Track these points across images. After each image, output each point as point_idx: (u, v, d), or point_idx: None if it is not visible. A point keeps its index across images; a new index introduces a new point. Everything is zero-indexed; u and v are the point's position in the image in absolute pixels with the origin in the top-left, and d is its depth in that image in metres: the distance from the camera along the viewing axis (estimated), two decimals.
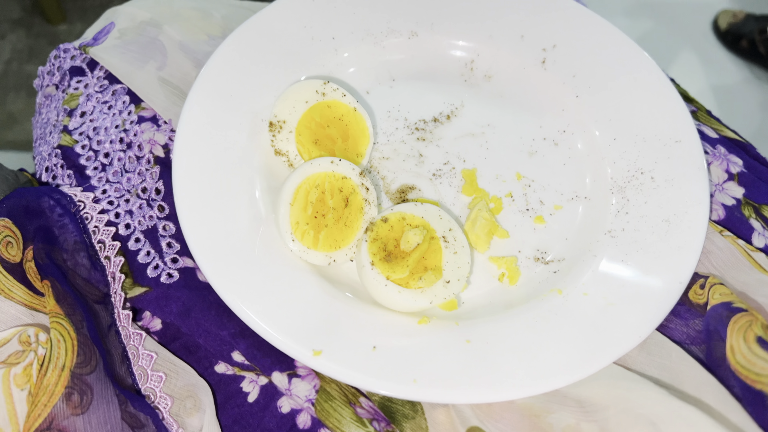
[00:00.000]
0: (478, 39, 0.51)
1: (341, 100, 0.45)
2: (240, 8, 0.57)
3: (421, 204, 0.43)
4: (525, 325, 0.39)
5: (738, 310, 0.36)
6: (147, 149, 0.47)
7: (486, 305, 0.42)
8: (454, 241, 0.42)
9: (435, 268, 0.41)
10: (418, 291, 0.40)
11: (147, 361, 0.38)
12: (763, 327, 0.34)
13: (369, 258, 0.40)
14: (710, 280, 0.40)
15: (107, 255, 0.42)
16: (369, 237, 0.41)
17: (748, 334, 0.33)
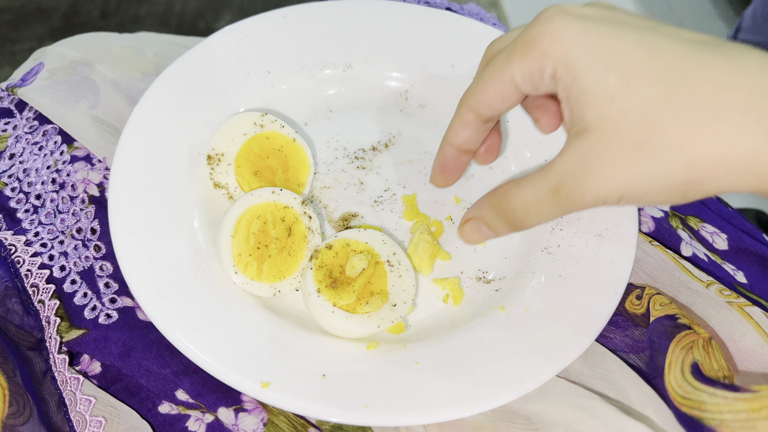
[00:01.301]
0: (410, 70, 0.52)
1: (280, 131, 0.46)
2: (174, 45, 0.57)
3: (364, 230, 0.43)
4: (471, 344, 0.40)
5: (683, 327, 0.37)
6: (81, 189, 0.46)
7: (432, 326, 0.42)
8: (399, 264, 0.42)
9: (381, 292, 0.41)
10: (365, 316, 0.40)
11: (85, 407, 0.36)
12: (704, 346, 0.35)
13: (315, 285, 0.40)
14: (647, 291, 0.41)
15: (41, 299, 0.41)
16: (314, 264, 0.41)
17: (686, 360, 0.34)
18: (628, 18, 0.29)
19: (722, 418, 0.29)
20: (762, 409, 0.28)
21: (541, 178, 0.31)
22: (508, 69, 0.31)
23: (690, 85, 0.26)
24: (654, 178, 0.27)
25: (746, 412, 0.28)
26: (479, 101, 0.33)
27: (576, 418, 0.36)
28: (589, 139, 0.28)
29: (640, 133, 0.27)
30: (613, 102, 0.27)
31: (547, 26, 0.29)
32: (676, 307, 0.39)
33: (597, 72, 0.27)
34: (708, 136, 0.25)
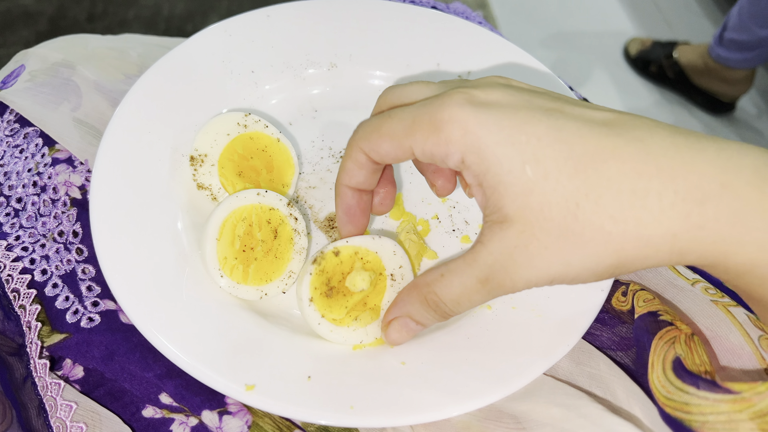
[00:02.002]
0: (396, 68, 0.52)
1: (264, 131, 0.45)
2: (157, 47, 0.56)
3: (378, 238, 0.42)
4: (458, 343, 0.39)
5: (665, 324, 0.37)
6: (63, 191, 0.45)
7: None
8: (401, 279, 0.41)
9: (373, 308, 0.40)
10: (350, 329, 0.40)
11: (66, 412, 0.35)
12: (686, 341, 0.35)
13: (309, 294, 0.40)
14: (632, 287, 0.41)
15: (22, 304, 0.40)
16: (314, 270, 0.40)
17: (669, 355, 0.34)
18: (534, 99, 0.29)
19: (705, 420, 0.29)
20: (744, 410, 0.28)
21: (468, 268, 0.31)
22: (408, 140, 0.31)
23: (606, 174, 0.26)
24: (583, 265, 0.28)
25: (728, 413, 0.28)
26: (372, 149, 0.33)
27: (563, 417, 0.36)
28: (512, 230, 0.28)
29: (564, 224, 0.27)
30: (532, 194, 0.27)
31: (456, 113, 0.29)
32: (659, 303, 0.39)
33: (512, 164, 0.28)
34: (630, 223, 0.26)
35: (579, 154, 0.27)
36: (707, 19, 2.00)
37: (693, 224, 0.26)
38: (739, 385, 0.29)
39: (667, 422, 0.32)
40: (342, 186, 0.37)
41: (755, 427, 0.28)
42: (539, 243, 0.28)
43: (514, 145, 0.28)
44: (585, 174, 0.27)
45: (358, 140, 0.34)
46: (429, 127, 0.29)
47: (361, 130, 0.34)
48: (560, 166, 0.27)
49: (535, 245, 0.28)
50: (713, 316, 0.39)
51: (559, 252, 0.28)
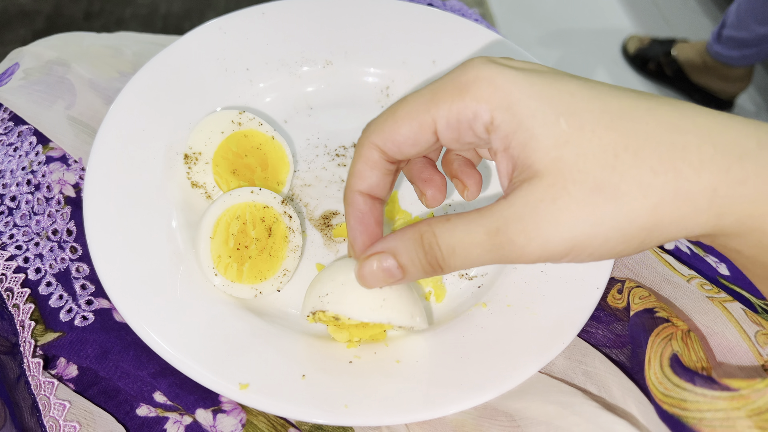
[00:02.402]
0: (391, 65, 0.52)
1: (258, 129, 0.45)
2: (152, 44, 0.56)
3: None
4: (453, 341, 0.39)
5: (661, 321, 0.36)
6: (56, 190, 0.45)
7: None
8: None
9: (377, 335, 0.39)
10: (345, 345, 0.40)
11: (59, 412, 0.35)
12: (683, 337, 0.35)
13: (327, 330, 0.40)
14: (627, 284, 0.41)
15: (15, 303, 0.40)
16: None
17: (666, 351, 0.34)
18: (557, 70, 0.29)
19: (702, 417, 0.29)
20: (742, 407, 0.28)
21: (479, 217, 0.28)
22: (431, 111, 0.28)
23: (644, 128, 0.26)
24: (615, 223, 0.26)
25: (726, 410, 0.28)
26: (387, 140, 0.30)
27: (558, 415, 0.36)
28: (541, 183, 0.26)
29: (601, 177, 0.26)
30: (567, 146, 0.26)
31: (483, 71, 0.27)
32: (655, 300, 0.38)
33: (546, 117, 0.26)
34: (671, 175, 0.25)
35: (615, 109, 0.26)
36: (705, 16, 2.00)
37: (733, 179, 0.25)
38: (737, 382, 0.28)
39: (664, 419, 0.31)
40: (353, 192, 0.33)
41: (752, 424, 0.27)
42: (570, 197, 0.26)
43: (546, 99, 0.27)
44: (623, 127, 0.26)
45: (369, 135, 0.31)
46: (453, 91, 0.28)
47: (372, 124, 0.31)
48: (597, 118, 0.26)
49: (565, 199, 0.26)
50: (709, 313, 0.38)
51: (591, 207, 0.26)
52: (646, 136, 0.26)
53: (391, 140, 0.30)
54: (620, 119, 0.26)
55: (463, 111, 0.28)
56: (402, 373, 0.37)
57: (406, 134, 0.30)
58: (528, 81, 0.27)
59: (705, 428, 0.29)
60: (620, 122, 0.26)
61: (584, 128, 0.26)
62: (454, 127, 0.28)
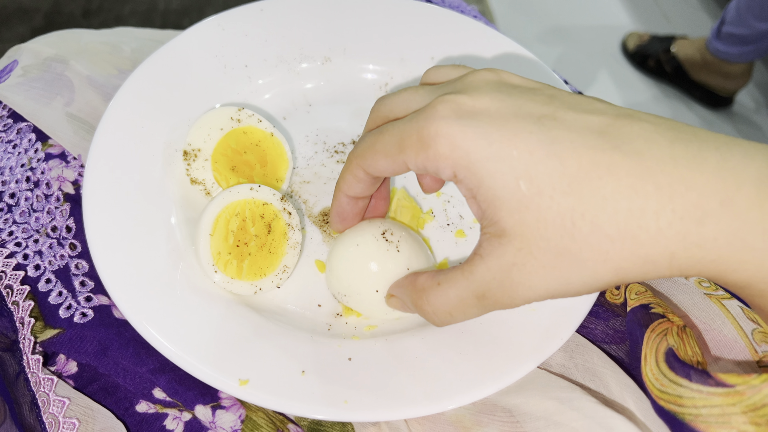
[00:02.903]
0: (390, 62, 0.52)
1: (257, 125, 0.45)
2: (151, 41, 0.56)
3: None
4: (452, 337, 0.39)
5: (657, 316, 0.37)
6: (56, 187, 0.45)
7: (413, 319, 0.42)
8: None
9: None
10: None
11: (58, 408, 0.35)
12: (678, 332, 0.35)
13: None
14: None
15: (15, 300, 0.40)
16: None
17: (661, 346, 0.34)
18: (525, 104, 0.28)
19: (698, 413, 0.29)
20: (737, 404, 0.28)
21: (464, 282, 0.30)
22: (400, 157, 0.30)
23: (602, 193, 0.26)
24: (581, 282, 0.27)
25: (721, 406, 0.28)
26: (369, 166, 0.33)
27: (556, 410, 0.36)
28: (510, 246, 0.28)
29: (562, 243, 0.26)
30: (528, 210, 0.27)
31: (442, 128, 0.28)
32: (651, 295, 0.39)
33: (505, 180, 0.27)
34: (628, 242, 0.26)
35: (573, 171, 0.26)
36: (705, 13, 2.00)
37: (691, 243, 0.25)
38: (732, 377, 0.29)
39: (661, 415, 0.32)
40: (340, 193, 0.37)
41: (748, 420, 0.27)
42: (537, 262, 0.27)
43: (505, 160, 0.27)
44: (580, 192, 0.26)
45: (356, 157, 0.34)
46: (417, 143, 0.29)
47: (358, 147, 0.34)
48: (554, 182, 0.26)
49: (533, 264, 0.28)
50: (706, 309, 0.39)
51: (558, 271, 0.27)
52: (604, 201, 0.26)
53: (373, 167, 0.33)
54: (578, 183, 0.26)
55: (427, 162, 0.29)
56: (401, 369, 0.37)
57: (384, 166, 0.32)
58: (487, 140, 0.27)
59: (701, 424, 0.29)
60: (578, 186, 0.26)
61: (543, 193, 0.26)
62: (422, 170, 0.30)
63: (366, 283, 0.40)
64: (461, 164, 0.28)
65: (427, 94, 0.32)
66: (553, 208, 0.26)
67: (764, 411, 0.27)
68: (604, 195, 0.26)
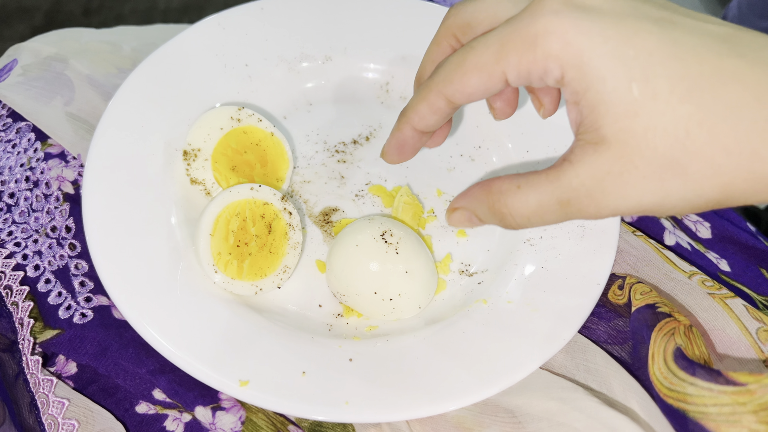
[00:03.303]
0: (391, 61, 0.52)
1: (257, 125, 0.45)
2: (151, 39, 0.56)
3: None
4: (454, 338, 0.39)
5: (663, 315, 0.36)
6: (55, 186, 0.45)
7: (414, 321, 0.41)
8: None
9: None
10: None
11: (58, 409, 0.35)
12: (685, 332, 0.35)
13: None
14: (628, 280, 0.41)
15: (14, 300, 0.40)
16: None
17: (669, 345, 0.34)
18: (642, 6, 0.26)
19: (707, 411, 0.29)
20: (747, 403, 0.28)
21: (548, 186, 0.28)
22: (500, 64, 0.27)
23: (725, 100, 0.24)
24: (683, 198, 0.25)
25: (731, 405, 0.28)
26: (457, 90, 0.29)
27: (559, 411, 0.36)
28: (608, 153, 0.26)
29: (671, 153, 0.24)
30: (637, 117, 0.25)
31: (554, 22, 0.25)
32: (656, 295, 0.38)
33: (618, 82, 0.25)
34: (745, 156, 0.24)
35: (695, 74, 0.24)
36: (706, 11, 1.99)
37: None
38: (744, 376, 0.28)
39: (667, 414, 0.31)
40: (407, 125, 0.33)
41: (758, 419, 0.27)
42: (637, 172, 0.25)
43: (620, 60, 0.24)
44: (701, 98, 0.24)
45: (438, 84, 0.30)
46: (523, 44, 0.26)
47: (441, 71, 0.30)
48: (673, 86, 0.24)
49: (632, 174, 0.25)
50: (710, 309, 0.38)
51: (659, 182, 0.25)
52: (726, 110, 0.24)
53: (461, 91, 0.29)
54: (699, 89, 0.24)
55: (533, 66, 0.26)
56: (403, 370, 0.37)
57: (476, 85, 0.29)
58: (602, 36, 0.25)
59: (710, 422, 0.29)
60: (698, 92, 0.24)
61: (657, 98, 0.24)
62: (524, 78, 0.27)
63: (365, 284, 0.40)
64: (572, 63, 0.25)
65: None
66: (667, 114, 0.24)
67: None
68: (728, 102, 0.24)
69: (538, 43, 0.26)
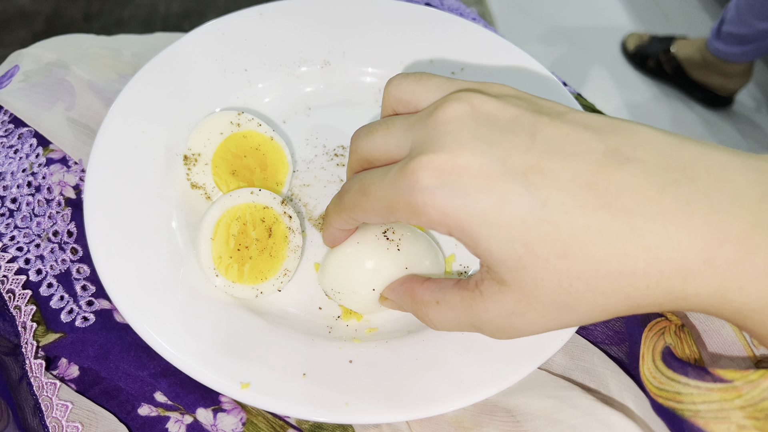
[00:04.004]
0: (389, 65, 0.52)
1: (257, 129, 0.45)
2: (152, 45, 0.56)
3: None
4: (452, 339, 0.39)
5: (655, 315, 0.37)
6: (57, 191, 0.45)
7: (414, 322, 0.42)
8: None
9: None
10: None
11: (61, 412, 0.36)
12: (676, 331, 0.35)
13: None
14: None
15: (17, 305, 0.40)
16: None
17: (658, 345, 0.34)
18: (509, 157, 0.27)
19: (697, 409, 0.29)
20: (735, 399, 0.28)
21: (463, 311, 0.31)
22: (393, 216, 0.31)
23: (595, 256, 0.26)
24: (578, 323, 0.29)
25: (719, 402, 0.28)
26: (361, 219, 0.34)
27: (556, 408, 0.36)
28: (510, 296, 0.29)
29: (561, 299, 0.28)
30: (525, 270, 0.28)
31: (429, 199, 0.28)
32: None
33: (501, 243, 0.27)
34: (621, 297, 0.27)
35: (566, 236, 0.26)
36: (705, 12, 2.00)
37: (676, 297, 0.27)
38: (730, 373, 0.29)
39: (659, 412, 0.32)
40: (331, 227, 0.38)
41: (745, 415, 0.28)
42: (537, 312, 0.29)
43: (499, 228, 0.27)
44: (574, 255, 0.27)
45: (344, 209, 0.34)
46: (407, 210, 0.29)
47: (345, 199, 0.34)
48: (548, 247, 0.27)
49: (533, 314, 0.29)
50: None
51: (557, 318, 0.29)
52: (597, 265, 0.27)
53: (363, 219, 0.34)
54: (571, 247, 0.27)
55: (422, 224, 0.29)
56: (402, 371, 0.38)
57: (375, 220, 0.33)
58: (477, 209, 0.27)
59: (699, 420, 0.29)
60: (571, 249, 0.27)
61: (538, 257, 0.27)
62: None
63: (363, 281, 0.40)
64: (456, 228, 0.28)
65: (402, 135, 0.32)
66: (549, 270, 0.27)
67: (762, 406, 0.27)
68: (597, 258, 0.26)
69: (420, 212, 0.29)
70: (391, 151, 0.32)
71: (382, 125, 0.33)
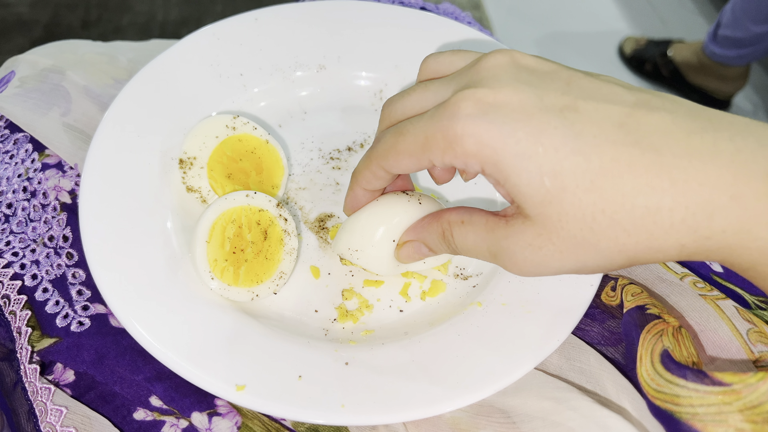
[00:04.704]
0: (384, 69, 0.52)
1: (252, 133, 0.46)
2: (147, 51, 0.57)
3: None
4: (449, 340, 0.39)
5: (652, 317, 0.37)
6: (52, 196, 0.45)
7: (410, 324, 0.42)
8: None
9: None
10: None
11: (56, 417, 0.35)
12: (673, 333, 0.35)
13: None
14: (620, 281, 0.42)
15: (12, 310, 0.40)
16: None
17: (657, 347, 0.34)
18: (546, 95, 0.29)
19: (695, 412, 0.29)
20: (733, 402, 0.28)
21: (483, 234, 0.33)
22: (425, 156, 0.31)
23: (622, 190, 0.27)
24: (596, 265, 0.30)
25: (718, 405, 0.28)
26: (392, 166, 0.34)
27: (553, 410, 0.36)
28: (531, 230, 0.30)
29: (582, 235, 0.29)
30: (551, 205, 0.28)
31: (469, 127, 0.29)
32: (646, 296, 0.39)
33: (531, 176, 0.28)
34: (643, 235, 0.28)
35: (596, 167, 0.27)
36: (701, 16, 2.00)
37: (701, 235, 0.27)
38: (729, 376, 0.29)
39: (656, 415, 0.32)
40: (357, 186, 0.38)
41: (744, 418, 0.28)
42: (554, 248, 0.30)
43: (531, 158, 0.28)
44: (602, 188, 0.27)
45: (377, 157, 0.34)
46: (443, 143, 0.30)
47: (378, 147, 0.34)
48: (577, 179, 0.28)
49: (550, 248, 0.30)
50: (702, 310, 0.39)
51: (574, 256, 0.29)
52: (623, 198, 0.27)
53: (395, 167, 0.34)
54: (600, 179, 0.27)
55: (455, 160, 0.30)
56: (398, 373, 0.37)
57: (407, 165, 0.33)
58: (514, 137, 0.28)
59: (697, 423, 0.29)
60: (599, 183, 0.27)
61: (566, 189, 0.28)
62: (449, 167, 0.33)
63: (383, 234, 0.40)
64: (489, 161, 0.29)
65: (441, 88, 0.33)
66: (575, 204, 0.28)
67: (761, 409, 0.27)
68: (624, 192, 0.27)
69: (457, 143, 0.29)
70: (428, 106, 0.33)
71: (418, 87, 0.34)
